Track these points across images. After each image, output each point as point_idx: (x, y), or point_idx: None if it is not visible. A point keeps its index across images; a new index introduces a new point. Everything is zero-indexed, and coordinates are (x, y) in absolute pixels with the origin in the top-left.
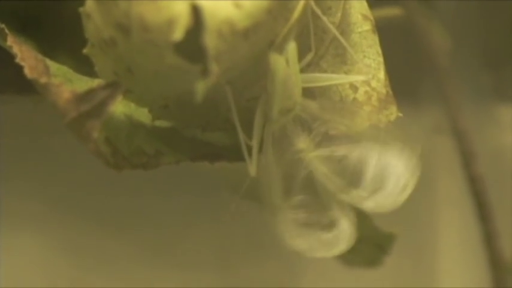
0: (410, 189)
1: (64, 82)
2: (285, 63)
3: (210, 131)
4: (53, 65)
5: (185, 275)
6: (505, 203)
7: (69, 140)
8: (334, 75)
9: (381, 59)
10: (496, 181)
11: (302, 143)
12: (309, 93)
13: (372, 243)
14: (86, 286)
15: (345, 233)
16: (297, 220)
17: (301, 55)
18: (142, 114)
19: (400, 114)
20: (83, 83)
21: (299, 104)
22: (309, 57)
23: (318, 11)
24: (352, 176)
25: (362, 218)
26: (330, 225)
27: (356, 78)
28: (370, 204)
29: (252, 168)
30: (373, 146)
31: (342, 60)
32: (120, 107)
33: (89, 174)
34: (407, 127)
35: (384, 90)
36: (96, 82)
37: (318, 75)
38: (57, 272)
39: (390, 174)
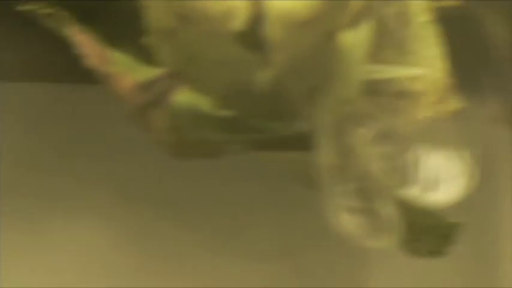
0: (465, 189)
1: (126, 71)
2: (352, 50)
3: (272, 120)
4: (114, 54)
5: (250, 262)
6: None
7: (132, 129)
8: (393, 68)
9: (442, 50)
10: None
11: (358, 137)
12: (369, 85)
13: (436, 233)
14: (151, 273)
15: (392, 225)
16: (348, 208)
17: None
18: (206, 103)
19: (461, 105)
20: (145, 72)
21: (357, 97)
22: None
23: (379, 2)
24: (407, 173)
25: (427, 208)
26: (378, 216)
27: (415, 71)
28: (423, 201)
29: (318, 157)
30: (429, 144)
31: (402, 50)
32: (183, 96)
33: (153, 163)
34: (465, 124)
35: (445, 81)
36: (158, 71)
37: (378, 67)
38: (122, 257)
39: (445, 174)
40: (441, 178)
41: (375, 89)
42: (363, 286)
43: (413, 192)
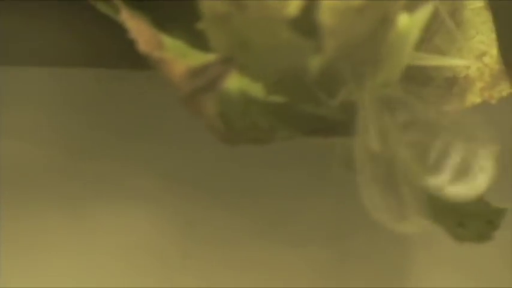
0: (490, 180)
1: (178, 57)
2: (406, 34)
3: (324, 106)
4: (167, 40)
5: (298, 250)
6: None
7: (183, 114)
8: (440, 57)
9: (494, 36)
10: None
11: (387, 122)
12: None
13: (481, 218)
14: (198, 260)
15: (418, 211)
16: (378, 192)
17: None
18: (257, 89)
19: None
20: (197, 58)
21: (398, 81)
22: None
23: None
24: (434, 164)
25: (451, 200)
26: (405, 202)
27: (462, 62)
28: (449, 192)
29: (373, 144)
30: (458, 135)
31: (455, 36)
32: (234, 82)
33: (203, 150)
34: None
35: (496, 67)
36: (210, 57)
37: (426, 55)
38: (171, 243)
39: (472, 164)
40: (468, 170)
41: (422, 75)
42: (407, 271)
43: (440, 182)
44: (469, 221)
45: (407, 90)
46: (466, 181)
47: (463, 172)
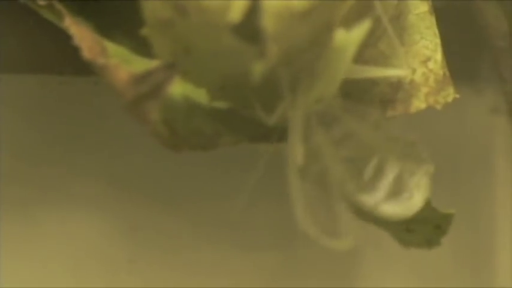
0: (422, 202)
1: (122, 63)
2: (343, 49)
3: (267, 111)
4: (110, 46)
5: (247, 254)
6: None
7: (127, 121)
8: (376, 69)
9: (438, 40)
10: None
11: (322, 137)
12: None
13: (429, 223)
14: (147, 266)
15: (349, 228)
16: (310, 206)
17: None
18: (201, 95)
19: (457, 96)
20: (141, 64)
21: (332, 96)
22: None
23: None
24: (369, 181)
25: (381, 218)
26: (336, 219)
27: (398, 72)
28: (383, 211)
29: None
30: (393, 153)
31: (400, 41)
32: (178, 88)
33: (148, 155)
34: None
35: (441, 72)
36: (153, 63)
37: (363, 67)
38: (116, 249)
39: (407, 183)
40: (403, 189)
41: (365, 81)
42: (356, 274)
43: (374, 200)
44: (416, 226)
45: (344, 106)
46: (401, 200)
47: (397, 191)
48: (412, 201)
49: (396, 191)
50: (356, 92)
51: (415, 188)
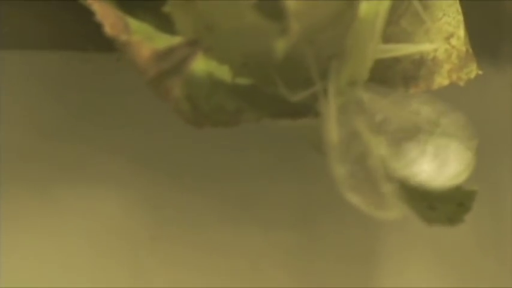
0: (463, 178)
1: (144, 40)
2: (370, 18)
3: (291, 89)
4: (133, 23)
5: (266, 231)
6: None
7: (149, 97)
8: (403, 46)
9: (461, 17)
10: None
11: (362, 122)
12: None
13: (452, 201)
14: (166, 242)
15: (395, 202)
16: (353, 184)
17: None
18: (223, 72)
19: (480, 72)
20: (164, 41)
21: (364, 76)
22: None
23: None
24: (410, 159)
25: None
26: (381, 194)
27: (429, 47)
28: (424, 186)
29: (331, 134)
30: (431, 136)
31: (422, 18)
32: (200, 65)
33: (170, 132)
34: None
35: (463, 48)
36: (176, 40)
37: (389, 46)
38: (139, 226)
39: (448, 161)
40: (444, 165)
41: (388, 59)
42: (379, 254)
43: (416, 178)
44: (439, 203)
45: (375, 91)
46: (441, 177)
47: (438, 169)
48: (456, 172)
49: (439, 164)
50: (379, 70)
51: (456, 161)
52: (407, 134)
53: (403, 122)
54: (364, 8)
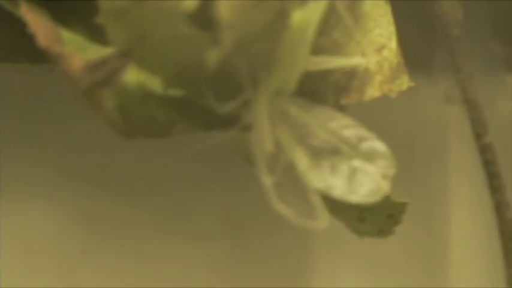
0: (381, 194)
1: (77, 51)
2: (301, 29)
3: (222, 100)
4: (66, 34)
5: (197, 242)
6: None
7: (82, 108)
8: (333, 58)
9: (393, 29)
10: (507, 151)
11: (285, 134)
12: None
13: (382, 212)
14: (98, 254)
15: (320, 212)
16: (280, 194)
17: None
18: (155, 83)
19: (412, 84)
20: (96, 52)
21: (293, 85)
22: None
23: None
24: (323, 177)
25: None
26: (308, 204)
27: (358, 61)
28: (345, 199)
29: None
30: (348, 158)
31: (353, 30)
32: (132, 76)
33: (102, 143)
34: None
35: (395, 60)
36: (108, 51)
37: (319, 58)
38: (69, 239)
39: (357, 186)
40: (355, 187)
41: (319, 71)
42: (308, 266)
43: (336, 190)
44: (369, 215)
45: (300, 103)
46: (355, 193)
47: (351, 185)
48: (364, 194)
49: (350, 185)
50: (311, 80)
51: (366, 186)
52: (325, 152)
53: (323, 141)
54: (296, 18)
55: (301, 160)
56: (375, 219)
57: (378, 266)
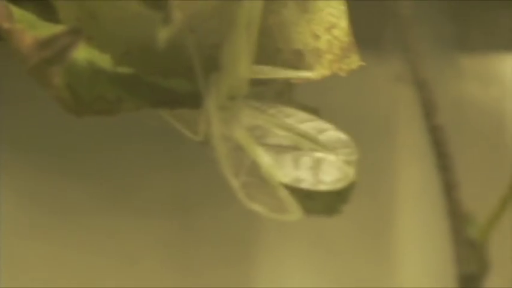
0: (348, 181)
1: (27, 28)
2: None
3: (172, 77)
4: (16, 11)
5: (145, 221)
6: (464, 153)
7: (31, 85)
8: (282, 70)
9: (344, 7)
10: (456, 131)
11: (242, 136)
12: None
13: (330, 191)
14: (46, 229)
15: (290, 205)
16: (249, 187)
17: None
18: (105, 61)
19: (362, 63)
20: (47, 29)
21: (246, 90)
22: None
23: None
24: (287, 172)
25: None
26: (275, 199)
27: (304, 74)
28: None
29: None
30: (308, 151)
31: (304, 8)
32: (82, 53)
33: (50, 120)
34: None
35: (346, 39)
36: (59, 28)
37: (265, 68)
38: (19, 216)
39: (322, 174)
40: (320, 176)
41: (269, 48)
42: (256, 244)
43: (304, 182)
44: (317, 193)
45: (254, 107)
46: (321, 181)
47: (316, 175)
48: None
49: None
50: (261, 60)
51: (331, 173)
52: (286, 148)
53: (282, 138)
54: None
55: (263, 158)
56: (323, 197)
57: (325, 243)
